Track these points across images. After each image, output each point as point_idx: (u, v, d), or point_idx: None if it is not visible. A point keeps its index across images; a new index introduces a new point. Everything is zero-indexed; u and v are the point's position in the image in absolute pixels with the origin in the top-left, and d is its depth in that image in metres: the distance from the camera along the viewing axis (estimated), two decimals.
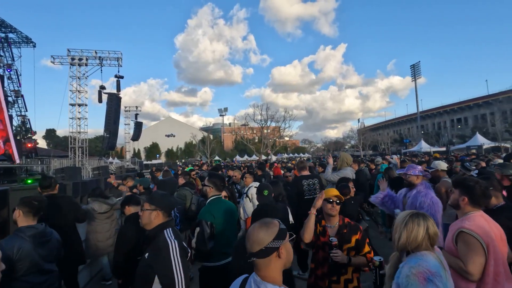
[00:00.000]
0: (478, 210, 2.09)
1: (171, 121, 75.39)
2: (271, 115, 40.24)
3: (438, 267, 1.50)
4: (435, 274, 1.46)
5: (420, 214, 1.65)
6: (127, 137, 33.66)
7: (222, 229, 2.76)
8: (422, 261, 1.52)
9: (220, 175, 3.27)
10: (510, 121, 39.71)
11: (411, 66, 47.71)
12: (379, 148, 51.77)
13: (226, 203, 3.03)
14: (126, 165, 26.79)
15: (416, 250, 1.58)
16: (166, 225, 2.02)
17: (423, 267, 1.48)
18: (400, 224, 1.64)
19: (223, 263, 2.69)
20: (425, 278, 1.45)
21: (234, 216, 3.05)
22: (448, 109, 56.45)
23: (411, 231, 1.58)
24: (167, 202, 2.14)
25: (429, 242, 1.57)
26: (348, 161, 5.30)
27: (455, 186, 2.22)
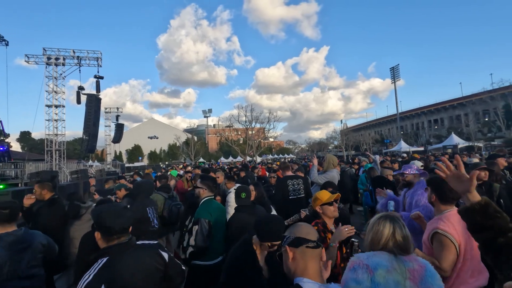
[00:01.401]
0: (451, 207, 2.16)
1: (154, 123, 73.83)
2: (255, 116, 40.32)
3: (379, 264, 1.44)
4: (365, 266, 1.44)
5: (389, 216, 1.62)
6: (107, 139, 32.74)
7: (216, 228, 2.86)
8: (365, 255, 1.52)
9: (213, 177, 3.36)
10: (483, 122, 41.79)
11: (390, 69, 49.15)
12: (361, 149, 52.98)
13: (218, 204, 3.14)
14: (107, 168, 26.03)
15: (378, 249, 1.55)
16: (105, 253, 1.65)
17: (359, 258, 1.50)
18: (369, 226, 1.64)
19: (214, 262, 2.79)
20: (352, 266, 1.48)
21: (225, 216, 3.14)
22: (426, 110, 58.65)
23: (375, 233, 1.57)
24: (104, 222, 1.68)
25: (395, 246, 1.51)
26: (334, 163, 5.35)
27: (428, 184, 2.32)
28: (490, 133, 39.64)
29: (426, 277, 1.44)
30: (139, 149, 64.32)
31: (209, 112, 75.22)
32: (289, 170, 5.13)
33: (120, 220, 1.70)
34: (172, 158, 60.79)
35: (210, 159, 55.73)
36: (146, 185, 4.00)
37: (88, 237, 2.49)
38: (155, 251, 1.81)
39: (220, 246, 2.91)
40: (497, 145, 28.05)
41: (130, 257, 1.66)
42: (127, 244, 1.71)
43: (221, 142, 63.68)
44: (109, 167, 27.31)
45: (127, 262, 1.63)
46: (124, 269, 1.60)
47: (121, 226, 1.69)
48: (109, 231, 1.68)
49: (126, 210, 1.87)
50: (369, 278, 1.42)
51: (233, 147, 42.55)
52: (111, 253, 1.63)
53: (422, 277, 1.43)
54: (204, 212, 2.87)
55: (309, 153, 64.11)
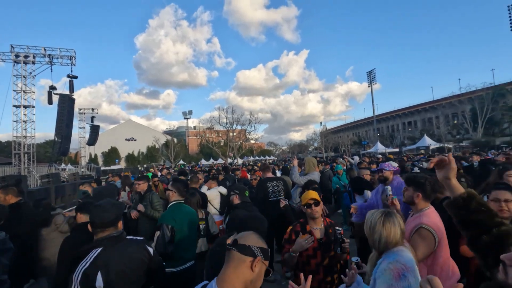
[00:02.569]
0: (429, 204, 2.28)
1: (132, 124, 71.59)
2: (236, 118, 40.22)
3: (413, 261, 1.60)
4: (410, 269, 1.54)
5: (392, 212, 1.76)
6: (82, 142, 31.38)
7: (183, 234, 2.75)
8: (400, 256, 1.60)
9: (184, 181, 3.29)
10: (452, 124, 44.20)
11: (367, 73, 50.83)
12: (340, 150, 54.32)
13: (187, 208, 3.03)
14: (81, 172, 24.94)
15: (393, 247, 1.67)
16: (98, 244, 1.81)
17: (401, 263, 1.56)
18: (377, 224, 1.71)
19: (181, 268, 2.69)
20: (400, 274, 1.52)
21: (195, 221, 3.03)
22: (400, 113, 61.15)
23: (390, 231, 1.68)
24: (95, 215, 1.89)
25: (402, 237, 1.71)
26: (315, 165, 5.41)
27: (408, 184, 2.38)
28: (459, 135, 41.99)
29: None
30: (115, 152, 62.17)
31: (189, 114, 74.21)
32: (269, 172, 5.15)
33: (104, 215, 1.87)
34: (151, 160, 59.23)
35: (191, 161, 54.85)
36: (107, 192, 3.91)
37: (69, 240, 2.47)
38: (143, 246, 1.98)
39: (189, 252, 2.80)
40: (465, 146, 29.74)
41: (121, 248, 1.83)
42: (118, 237, 1.87)
43: (201, 144, 62.94)
44: (83, 171, 26.16)
45: (119, 252, 1.80)
46: (117, 258, 1.76)
47: (102, 220, 1.86)
48: (93, 224, 1.88)
49: (113, 206, 2.00)
50: (415, 278, 1.53)
51: (214, 149, 42.16)
52: (104, 244, 1.79)
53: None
54: (168, 217, 2.78)
55: (290, 155, 64.82)
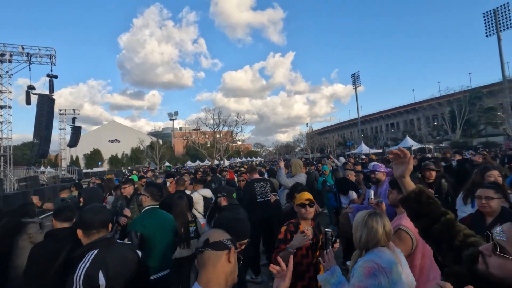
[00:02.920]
0: None
1: (115, 126, 69.89)
2: (223, 119, 40.02)
3: (391, 262, 1.61)
4: (384, 269, 1.56)
5: (376, 212, 1.79)
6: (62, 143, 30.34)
7: (154, 241, 2.59)
8: (376, 256, 1.63)
9: (158, 185, 3.11)
10: (432, 126, 45.78)
11: (352, 75, 52.03)
12: (326, 151, 55.13)
13: (162, 214, 2.87)
14: (62, 175, 24.13)
15: (375, 247, 1.70)
16: (93, 246, 1.83)
17: (375, 262, 1.59)
18: (360, 224, 1.76)
19: (154, 278, 2.49)
20: (371, 272, 1.56)
21: (170, 227, 2.85)
22: (384, 114, 62.79)
23: (370, 230, 1.71)
24: (83, 218, 1.92)
25: (386, 238, 1.71)
26: (301, 166, 5.41)
27: (392, 187, 2.43)
28: (439, 136, 43.54)
29: (401, 257, 1.72)
30: (98, 154, 60.52)
31: (175, 115, 73.40)
32: (256, 173, 5.15)
33: (97, 216, 1.92)
34: (135, 162, 58.01)
35: (177, 163, 54.15)
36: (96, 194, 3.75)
37: (40, 248, 2.31)
38: (132, 248, 2.04)
39: (161, 262, 2.65)
40: (445, 147, 30.88)
41: (116, 250, 1.88)
42: (111, 239, 1.93)
43: (188, 145, 62.24)
44: (64, 173, 25.31)
45: (114, 253, 1.84)
46: (114, 259, 1.80)
47: (99, 221, 1.91)
48: (89, 226, 1.89)
49: (104, 208, 2.09)
50: (390, 279, 1.54)
51: (200, 150, 41.75)
52: (99, 246, 1.82)
53: (399, 258, 1.69)
54: (137, 223, 2.65)
55: (276, 156, 65.12)
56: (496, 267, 0.90)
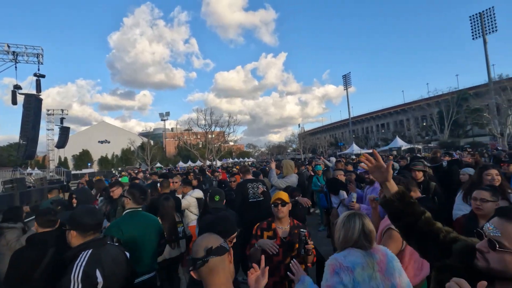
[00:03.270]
0: None
1: (105, 126, 68.82)
2: (215, 120, 39.89)
3: (356, 263, 1.59)
4: (346, 268, 1.57)
5: (356, 213, 1.81)
6: (50, 144, 29.71)
7: (134, 245, 2.51)
8: (341, 256, 1.65)
9: (141, 187, 3.01)
10: (421, 126, 46.68)
11: (343, 76, 52.45)
12: (318, 151, 55.56)
13: (144, 217, 2.79)
14: (50, 176, 23.61)
15: (353, 247, 1.70)
16: (86, 246, 1.82)
17: (338, 261, 1.62)
18: (339, 224, 1.77)
19: (137, 281, 2.44)
20: (334, 270, 1.60)
21: (153, 230, 2.79)
22: (374, 115, 63.67)
23: (347, 230, 1.71)
24: (80, 219, 1.90)
25: (365, 239, 1.68)
26: (292, 167, 5.42)
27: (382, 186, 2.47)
28: (428, 136, 44.43)
29: (388, 264, 1.64)
30: (87, 155, 59.49)
31: (166, 115, 72.69)
32: (249, 174, 5.14)
33: (95, 217, 1.96)
34: (126, 163, 57.22)
35: (168, 164, 53.64)
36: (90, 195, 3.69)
37: (19, 255, 2.24)
38: (122, 249, 2.05)
39: (145, 265, 2.59)
40: (433, 147, 31.51)
41: (108, 250, 1.89)
42: (103, 240, 1.95)
43: (179, 146, 61.76)
44: (52, 175, 24.76)
45: (107, 253, 1.85)
46: (108, 258, 1.82)
47: (96, 222, 1.95)
48: (86, 227, 1.89)
49: (96, 209, 2.13)
50: (351, 278, 1.55)
51: (192, 151, 41.48)
52: (93, 246, 1.82)
53: (386, 265, 1.62)
54: (114, 228, 2.57)
55: (269, 156, 65.25)
56: (497, 261, 0.92)
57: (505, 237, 0.93)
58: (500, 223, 0.97)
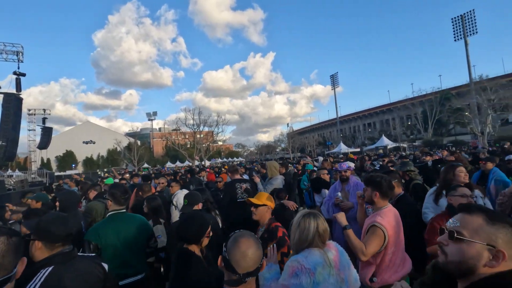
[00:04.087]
0: (387, 203, 2.41)
1: (90, 126, 67.12)
2: (203, 119, 39.64)
3: (317, 263, 1.65)
4: (307, 270, 1.61)
5: (311, 213, 1.83)
6: (32, 145, 28.77)
7: (116, 250, 2.44)
8: (303, 257, 1.68)
9: (122, 187, 2.85)
10: (406, 125, 47.84)
11: (330, 76, 53.11)
12: (306, 150, 56.06)
13: (127, 218, 2.70)
14: (32, 178, 22.86)
15: (308, 247, 1.72)
16: (48, 262, 1.56)
17: (299, 263, 1.64)
18: (295, 225, 1.79)
19: (122, 283, 2.39)
20: (294, 272, 1.62)
21: (138, 232, 2.67)
22: (361, 115, 64.81)
23: (303, 230, 1.74)
24: (47, 228, 1.64)
25: (319, 239, 1.73)
26: (277, 168, 5.38)
27: (367, 184, 2.49)
28: (412, 135, 45.57)
29: (341, 259, 1.74)
30: (71, 156, 57.93)
31: (154, 115, 71.38)
32: (238, 174, 5.09)
33: (65, 227, 1.68)
34: (112, 164, 56.00)
35: (156, 164, 52.87)
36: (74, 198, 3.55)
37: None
38: (97, 261, 1.81)
39: (130, 267, 2.52)
40: (418, 146, 32.36)
41: (75, 266, 1.63)
42: (70, 253, 1.66)
43: (167, 146, 60.98)
44: (34, 177, 23.96)
45: (72, 270, 1.59)
46: (71, 278, 1.55)
47: (66, 232, 1.67)
48: (54, 238, 1.62)
49: (69, 217, 1.85)
50: (312, 280, 1.58)
51: (180, 151, 41.04)
52: (56, 262, 1.57)
53: (339, 260, 1.71)
54: (91, 232, 2.47)
55: (258, 156, 65.35)
56: (454, 253, 0.98)
57: (463, 227, 0.99)
58: (460, 216, 1.04)
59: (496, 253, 0.92)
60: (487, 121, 27.42)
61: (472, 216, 1.00)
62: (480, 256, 0.94)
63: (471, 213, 1.01)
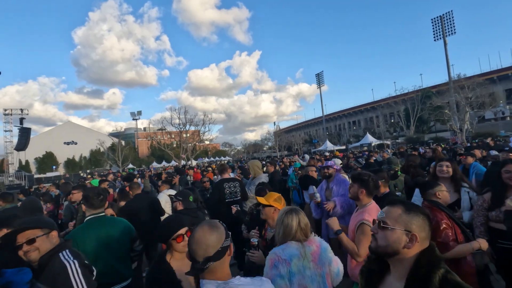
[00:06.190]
0: (371, 200, 2.46)
1: (71, 126, 64.91)
2: (189, 118, 39.17)
3: (293, 255, 1.79)
4: (283, 261, 1.76)
5: (293, 209, 1.95)
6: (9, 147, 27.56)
7: (96, 257, 2.34)
8: (280, 249, 1.83)
9: (96, 189, 2.69)
10: (390, 123, 49.04)
11: (316, 75, 53.58)
12: (293, 149, 56.47)
13: (107, 222, 2.57)
14: (9, 181, 21.93)
15: (291, 240, 1.85)
16: (62, 247, 1.75)
17: (276, 254, 1.80)
18: (279, 221, 1.93)
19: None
20: (273, 263, 1.77)
21: (120, 236, 2.56)
22: (346, 113, 65.91)
23: (286, 226, 1.87)
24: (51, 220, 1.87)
25: (301, 233, 1.87)
26: (259, 167, 5.30)
27: (354, 181, 2.53)
28: (395, 132, 46.78)
29: (321, 254, 1.87)
30: (51, 157, 55.88)
31: (138, 115, 70.00)
32: (227, 173, 5.01)
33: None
34: (95, 165, 54.48)
35: (141, 165, 51.85)
36: (30, 204, 3.31)
37: None
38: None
39: (114, 274, 2.42)
40: (400, 143, 33.24)
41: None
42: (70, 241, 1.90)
43: (152, 146, 59.90)
44: (11, 180, 22.98)
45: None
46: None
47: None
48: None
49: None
50: (288, 270, 1.74)
51: (166, 151, 40.40)
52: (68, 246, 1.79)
53: (318, 256, 1.87)
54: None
55: (245, 155, 65.27)
56: (382, 238, 1.19)
57: (387, 217, 1.21)
58: (386, 208, 1.25)
59: (411, 237, 1.14)
60: (465, 118, 28.46)
61: (394, 207, 1.22)
62: (400, 240, 1.15)
63: (393, 205, 1.23)
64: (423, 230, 1.16)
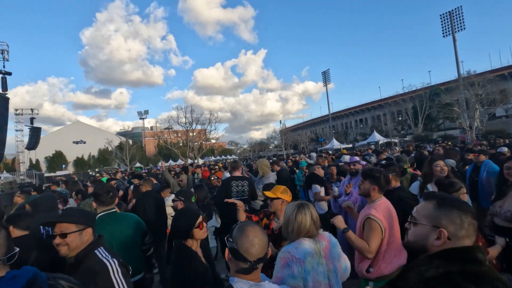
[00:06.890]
0: (382, 196, 2.44)
1: (80, 126, 65.88)
2: (196, 117, 39.26)
3: (307, 253, 1.75)
4: (298, 260, 1.70)
5: (304, 204, 1.92)
6: (20, 146, 28.13)
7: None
8: (293, 247, 1.77)
9: (106, 185, 2.75)
10: (397, 121, 48.43)
11: (322, 73, 53.29)
12: (299, 147, 56.27)
13: (118, 218, 2.62)
14: (20, 179, 22.33)
15: (304, 236, 1.83)
16: (97, 244, 1.74)
17: (290, 253, 1.73)
18: (291, 216, 1.87)
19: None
20: (285, 262, 1.71)
21: (131, 231, 2.62)
22: (353, 111, 65.29)
23: (300, 223, 1.83)
24: (91, 215, 1.88)
25: (314, 227, 1.85)
26: (267, 166, 5.32)
27: (364, 177, 2.51)
28: (403, 130, 46.20)
29: (332, 250, 1.86)
30: (61, 156, 56.80)
31: (145, 114, 70.55)
32: (238, 171, 4.95)
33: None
34: (103, 164, 55.24)
35: (148, 164, 52.34)
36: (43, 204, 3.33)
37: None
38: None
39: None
40: (408, 141, 32.82)
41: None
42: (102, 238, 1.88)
43: (159, 145, 60.38)
44: (22, 178, 23.40)
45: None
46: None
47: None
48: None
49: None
50: (302, 269, 1.68)
51: (173, 149, 40.67)
52: (102, 243, 1.80)
53: (329, 251, 1.85)
54: None
55: (251, 154, 65.30)
56: (411, 234, 1.17)
57: (417, 212, 1.18)
58: (420, 203, 1.23)
59: (439, 233, 1.07)
60: (475, 116, 27.94)
61: (426, 202, 1.17)
62: (427, 236, 1.10)
63: (427, 200, 1.19)
64: (457, 227, 1.05)
